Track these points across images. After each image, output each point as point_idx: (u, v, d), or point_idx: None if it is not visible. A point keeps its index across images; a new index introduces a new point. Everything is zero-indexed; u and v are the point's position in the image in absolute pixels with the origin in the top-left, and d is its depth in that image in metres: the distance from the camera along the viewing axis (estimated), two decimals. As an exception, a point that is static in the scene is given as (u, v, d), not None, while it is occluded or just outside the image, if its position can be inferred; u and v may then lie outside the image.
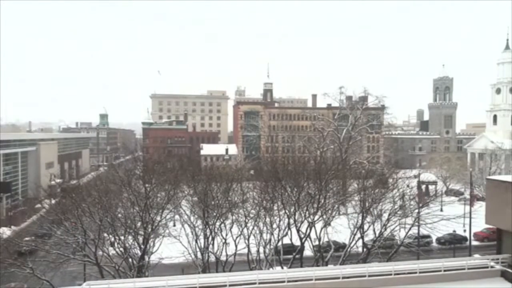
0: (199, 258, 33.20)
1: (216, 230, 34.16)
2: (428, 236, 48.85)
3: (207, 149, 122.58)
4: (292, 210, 34.55)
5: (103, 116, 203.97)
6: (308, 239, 33.70)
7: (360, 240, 33.16)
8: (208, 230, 33.81)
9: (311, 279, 16.02)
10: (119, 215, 33.86)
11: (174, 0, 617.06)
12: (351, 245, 33.57)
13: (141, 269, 30.85)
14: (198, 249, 33.56)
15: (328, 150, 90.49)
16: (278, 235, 34.48)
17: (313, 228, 34.10)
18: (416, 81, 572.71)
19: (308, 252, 36.19)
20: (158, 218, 33.69)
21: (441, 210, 44.24)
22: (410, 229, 33.49)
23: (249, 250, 33.35)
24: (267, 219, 34.35)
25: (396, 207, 33.65)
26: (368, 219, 33.50)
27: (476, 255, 21.36)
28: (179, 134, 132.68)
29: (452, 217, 33.51)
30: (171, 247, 35.40)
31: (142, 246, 31.78)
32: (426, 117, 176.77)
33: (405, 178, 53.14)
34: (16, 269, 27.40)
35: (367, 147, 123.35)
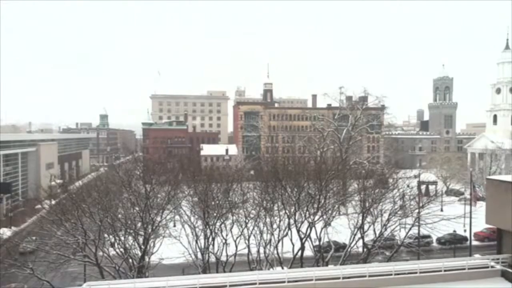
0: (199, 258, 33.19)
1: (216, 231, 34.14)
2: (429, 236, 48.84)
3: (207, 150, 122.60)
4: (292, 210, 34.53)
5: (103, 117, 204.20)
6: (308, 239, 33.69)
7: (360, 240, 33.15)
8: (208, 231, 33.78)
9: (311, 279, 16.03)
10: (119, 215, 33.85)
11: (174, 0, 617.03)
12: (351, 245, 33.54)
13: (141, 269, 30.85)
14: (198, 250, 33.55)
15: (328, 150, 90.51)
16: (279, 235, 34.47)
17: (313, 228, 34.09)
18: (416, 81, 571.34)
19: (308, 252, 36.18)
20: (158, 219, 33.68)
21: (441, 210, 44.23)
22: (410, 229, 33.46)
23: (249, 251, 33.34)
24: (267, 220, 34.35)
25: (396, 207, 33.64)
26: (368, 219, 33.48)
27: (477, 255, 21.41)
28: (179, 135, 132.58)
29: (452, 217, 33.44)
30: (171, 247, 35.39)
31: (142, 247, 31.78)
32: (426, 117, 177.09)
33: (405, 178, 53.18)
34: (17, 270, 27.40)
35: (367, 147, 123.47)
